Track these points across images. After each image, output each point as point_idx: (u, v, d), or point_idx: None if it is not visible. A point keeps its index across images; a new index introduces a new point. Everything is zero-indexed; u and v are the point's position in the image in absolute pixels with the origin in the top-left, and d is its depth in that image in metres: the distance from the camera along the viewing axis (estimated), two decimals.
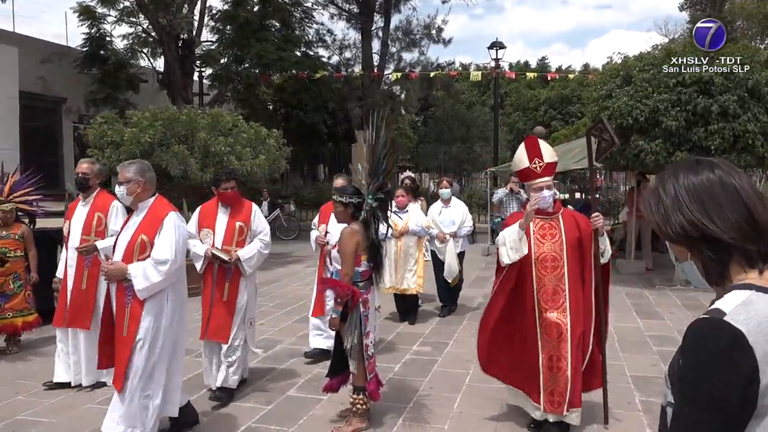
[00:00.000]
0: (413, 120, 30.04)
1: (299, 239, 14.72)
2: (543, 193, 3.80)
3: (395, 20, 23.61)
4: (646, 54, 9.86)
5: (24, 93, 13.68)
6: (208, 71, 19.73)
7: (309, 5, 21.76)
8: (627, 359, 5.62)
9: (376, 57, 23.02)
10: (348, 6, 23.37)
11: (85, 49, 17.09)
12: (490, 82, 26.48)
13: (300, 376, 5.22)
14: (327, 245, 5.33)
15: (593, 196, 4.39)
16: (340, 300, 3.91)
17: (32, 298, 5.79)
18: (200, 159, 10.47)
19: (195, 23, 17.80)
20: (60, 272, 5.12)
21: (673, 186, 1.27)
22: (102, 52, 17.04)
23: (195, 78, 19.19)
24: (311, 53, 21.64)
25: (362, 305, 4.02)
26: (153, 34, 17.41)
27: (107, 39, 17.41)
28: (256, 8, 18.87)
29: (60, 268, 5.15)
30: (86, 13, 16.86)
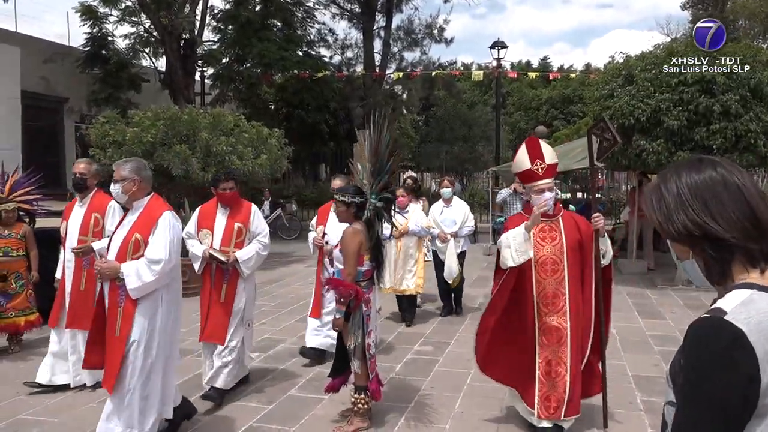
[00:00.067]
0: (415, 119, 30.02)
1: (301, 239, 14.70)
2: (545, 195, 3.72)
3: (397, 20, 23.62)
4: (648, 53, 9.83)
5: (26, 93, 13.69)
6: (210, 71, 19.75)
7: (311, 5, 21.78)
8: (628, 359, 5.61)
9: (378, 56, 23.03)
10: (350, 6, 23.35)
11: (87, 49, 17.12)
12: (492, 82, 26.49)
13: (301, 376, 5.22)
14: (327, 245, 5.29)
15: (593, 196, 4.28)
16: (344, 300, 3.89)
17: (33, 298, 5.80)
18: (202, 159, 10.49)
19: (197, 23, 17.78)
20: (59, 273, 5.09)
21: (676, 184, 1.26)
22: (104, 52, 17.06)
23: (197, 78, 19.19)
24: (313, 53, 21.67)
25: (364, 305, 4.02)
26: (155, 34, 17.42)
27: (109, 39, 17.44)
28: (258, 8, 18.88)
29: (58, 269, 5.11)
30: (88, 13, 16.88)
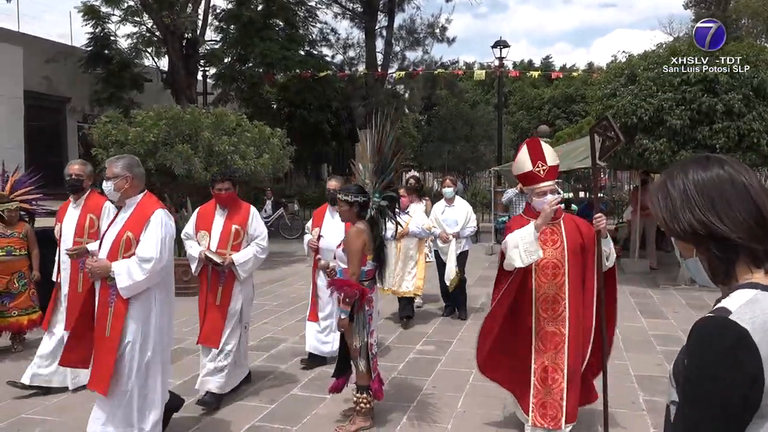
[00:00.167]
0: (417, 119, 30.00)
1: (303, 238, 14.71)
2: (547, 198, 3.63)
3: (399, 19, 23.62)
4: (651, 53, 9.82)
5: (28, 93, 13.71)
6: (212, 70, 19.77)
7: (313, 4, 21.77)
8: (631, 359, 5.61)
9: (380, 56, 22.98)
10: (352, 5, 23.33)
11: (90, 49, 17.15)
12: (494, 81, 26.43)
13: (303, 375, 5.22)
14: (321, 261, 5.06)
15: (596, 196, 4.17)
16: (349, 300, 3.89)
17: (36, 297, 5.81)
18: (204, 158, 10.49)
19: (199, 22, 17.81)
20: (55, 275, 4.99)
21: (683, 180, 1.24)
22: (106, 52, 17.09)
23: (199, 77, 19.21)
24: (315, 52, 21.67)
25: (367, 304, 4.02)
26: (157, 34, 17.45)
27: (111, 38, 17.47)
28: (260, 7, 18.90)
29: (55, 271, 5.01)
30: (90, 13, 16.92)
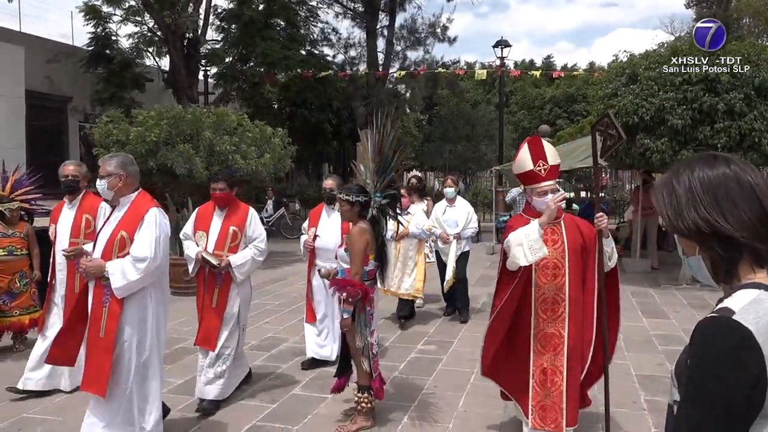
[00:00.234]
0: (418, 119, 30.00)
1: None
2: (548, 197, 3.58)
3: (400, 19, 23.57)
4: (652, 52, 9.81)
5: (30, 92, 13.70)
6: (213, 70, 19.76)
7: (314, 4, 21.77)
8: (632, 358, 5.60)
9: (381, 56, 22.97)
10: (353, 5, 23.33)
11: (91, 49, 17.13)
12: (495, 81, 26.43)
13: (305, 375, 5.22)
14: (320, 271, 5.00)
15: (597, 195, 4.12)
16: (352, 300, 3.89)
17: (37, 296, 5.81)
18: (205, 158, 10.50)
19: (200, 22, 17.81)
20: (49, 276, 4.92)
21: (688, 177, 1.24)
22: (107, 52, 17.08)
23: (200, 77, 19.21)
24: (316, 52, 21.68)
25: (368, 304, 4.03)
26: (158, 33, 17.45)
27: (113, 38, 17.45)
28: (261, 7, 18.89)
29: (50, 273, 4.94)
30: (92, 13, 16.91)
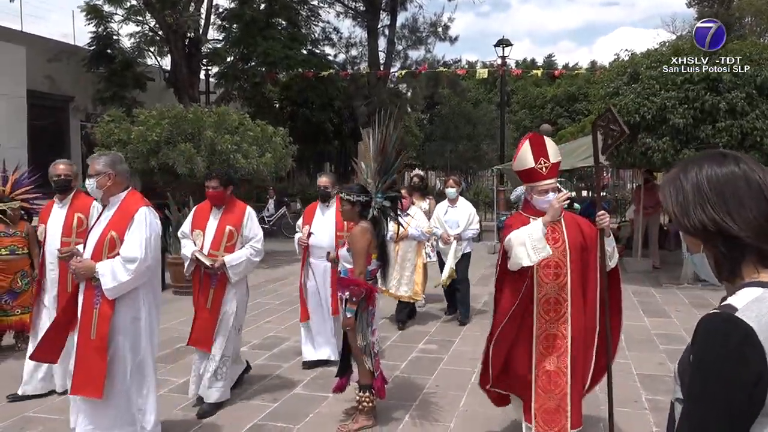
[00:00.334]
0: (419, 118, 30.00)
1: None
2: (549, 196, 3.54)
3: (401, 18, 23.57)
4: (654, 51, 9.80)
5: (31, 92, 13.72)
6: (215, 69, 19.74)
7: (315, 3, 21.74)
8: (633, 358, 5.60)
9: (382, 55, 22.97)
10: (354, 4, 23.33)
11: (93, 48, 17.13)
12: (497, 80, 26.37)
13: (306, 374, 5.23)
14: (310, 253, 5.04)
15: (598, 195, 4.11)
16: (355, 299, 3.89)
17: None
18: (207, 157, 10.51)
19: (201, 21, 17.80)
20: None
21: (696, 174, 1.24)
22: (109, 51, 17.08)
23: (201, 76, 19.22)
24: (317, 51, 21.67)
25: (370, 303, 4.04)
26: (160, 33, 17.44)
27: (114, 38, 17.44)
28: (263, 6, 18.88)
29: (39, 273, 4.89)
30: (93, 12, 16.90)
